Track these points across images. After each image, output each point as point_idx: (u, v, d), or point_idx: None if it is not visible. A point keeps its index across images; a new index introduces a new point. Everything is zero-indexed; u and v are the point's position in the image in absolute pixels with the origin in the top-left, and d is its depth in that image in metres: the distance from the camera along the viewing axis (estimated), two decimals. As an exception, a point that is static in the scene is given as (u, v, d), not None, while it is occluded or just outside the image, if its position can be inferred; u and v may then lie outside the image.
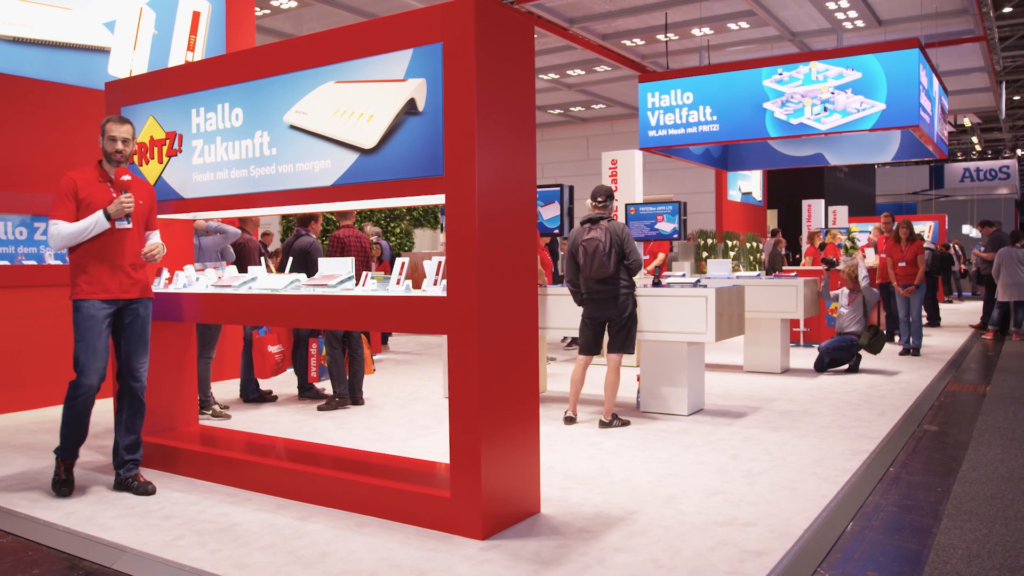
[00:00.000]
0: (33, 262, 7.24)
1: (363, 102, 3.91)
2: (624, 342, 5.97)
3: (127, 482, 4.50)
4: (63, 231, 4.29)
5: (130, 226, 4.41)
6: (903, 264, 10.08)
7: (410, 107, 3.76)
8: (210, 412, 6.49)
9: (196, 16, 8.42)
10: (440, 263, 3.92)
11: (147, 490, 4.45)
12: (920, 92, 9.00)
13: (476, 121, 3.56)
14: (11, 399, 6.88)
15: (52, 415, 6.74)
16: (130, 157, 4.49)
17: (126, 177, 4.42)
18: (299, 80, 4.17)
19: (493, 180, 3.68)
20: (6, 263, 7.01)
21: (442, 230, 11.49)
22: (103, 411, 6.83)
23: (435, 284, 3.93)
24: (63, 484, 4.42)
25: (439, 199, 3.84)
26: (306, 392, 7.47)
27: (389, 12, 13.79)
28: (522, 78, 3.91)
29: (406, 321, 3.84)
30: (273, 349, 8.07)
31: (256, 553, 3.53)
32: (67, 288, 7.17)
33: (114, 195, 4.37)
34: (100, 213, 4.28)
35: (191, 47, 8.40)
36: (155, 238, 4.65)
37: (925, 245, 11.43)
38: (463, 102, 3.59)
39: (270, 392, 7.38)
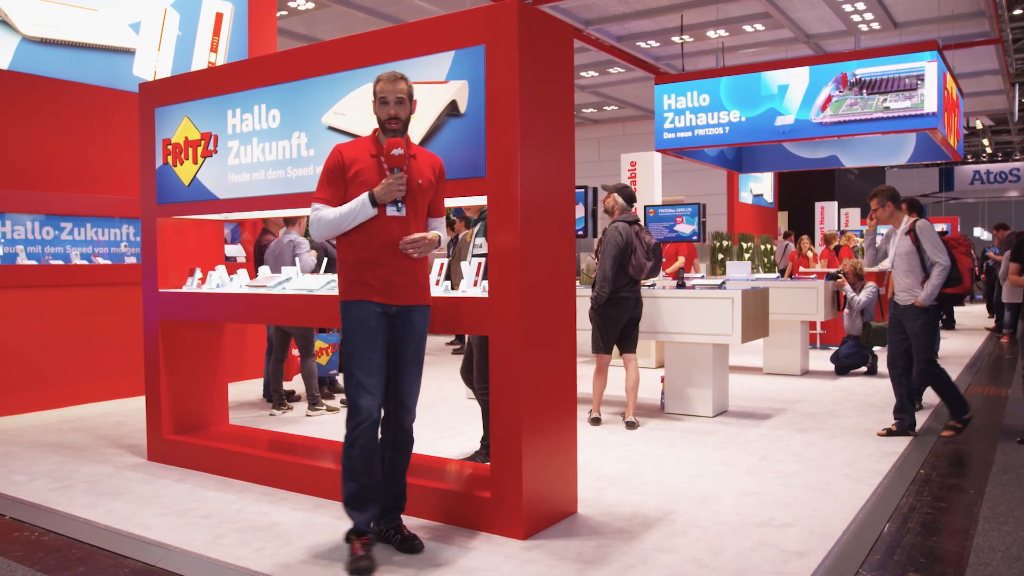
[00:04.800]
0: (60, 262, 7.28)
1: (404, 104, 3.93)
2: (636, 340, 6.18)
3: (386, 535, 3.63)
4: (323, 217, 3.47)
5: (402, 213, 3.48)
6: None
7: (452, 109, 3.78)
8: (283, 408, 6.75)
9: (219, 17, 8.46)
10: (480, 264, 3.94)
11: (413, 547, 3.54)
12: (939, 94, 8.99)
13: (519, 123, 3.58)
14: (38, 398, 6.92)
15: (78, 414, 6.79)
16: (408, 122, 3.57)
17: (398, 151, 3.42)
18: (338, 81, 4.20)
19: (535, 182, 3.70)
20: (33, 263, 7.05)
21: (450, 229, 11.49)
22: (123, 411, 6.87)
23: (475, 285, 3.95)
24: (362, 559, 3.34)
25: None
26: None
27: (401, 13, 13.85)
28: (562, 81, 3.93)
29: (447, 321, 3.86)
30: (296, 352, 8.10)
31: (300, 552, 3.56)
32: (93, 288, 7.31)
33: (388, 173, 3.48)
34: (365, 197, 3.42)
35: (214, 48, 8.44)
36: (436, 227, 3.66)
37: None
38: (506, 104, 3.61)
39: (292, 392, 7.41)
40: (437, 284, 4.09)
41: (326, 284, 4.50)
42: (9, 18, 6.98)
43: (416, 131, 3.89)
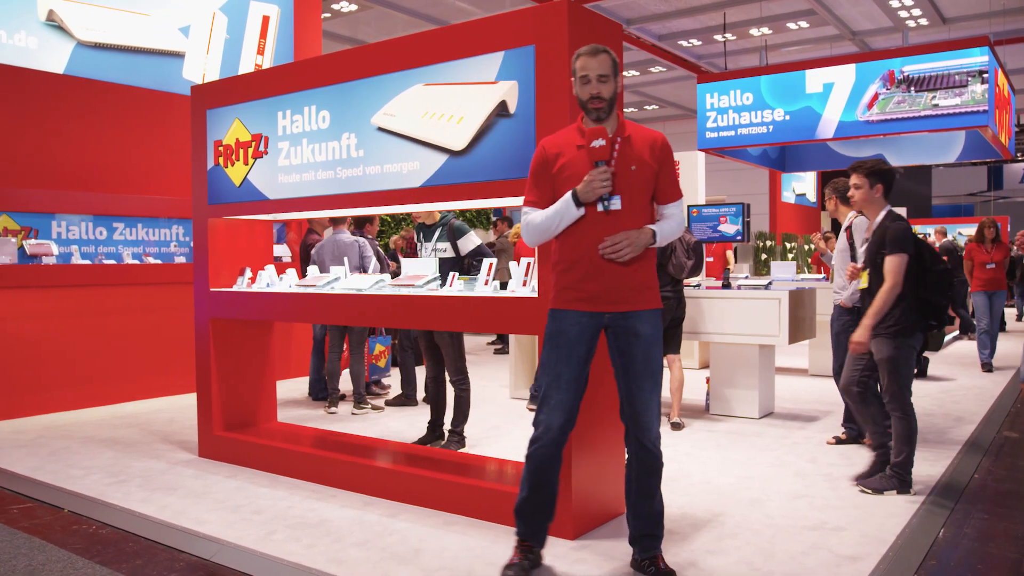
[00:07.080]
0: (112, 261, 7.44)
1: (453, 104, 3.96)
2: (680, 340, 6.12)
3: (640, 564, 3.27)
4: (531, 222, 3.17)
5: (615, 208, 3.07)
6: (992, 266, 9.41)
7: (501, 109, 3.79)
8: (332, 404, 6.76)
9: (266, 20, 8.59)
10: (529, 264, 3.95)
11: None
12: (991, 90, 8.80)
13: (569, 123, 3.58)
14: (92, 394, 7.08)
15: (131, 410, 6.93)
16: (614, 102, 3.14)
17: (598, 142, 3.03)
18: (387, 83, 4.23)
19: (584, 182, 3.69)
20: (87, 262, 7.22)
21: (494, 229, 11.54)
22: (174, 408, 6.99)
23: (524, 285, 3.96)
24: (512, 566, 3.23)
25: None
26: (367, 390, 7.57)
27: (443, 14, 13.92)
28: (611, 80, 3.91)
29: (495, 321, 3.87)
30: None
31: (351, 549, 3.59)
32: (144, 287, 7.46)
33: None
34: (568, 197, 3.05)
35: (260, 51, 8.56)
36: (665, 215, 3.23)
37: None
38: (556, 104, 3.61)
39: (336, 390, 7.48)
40: (487, 284, 4.10)
41: (375, 284, 4.54)
42: (65, 24, 7.16)
43: (465, 131, 3.91)
